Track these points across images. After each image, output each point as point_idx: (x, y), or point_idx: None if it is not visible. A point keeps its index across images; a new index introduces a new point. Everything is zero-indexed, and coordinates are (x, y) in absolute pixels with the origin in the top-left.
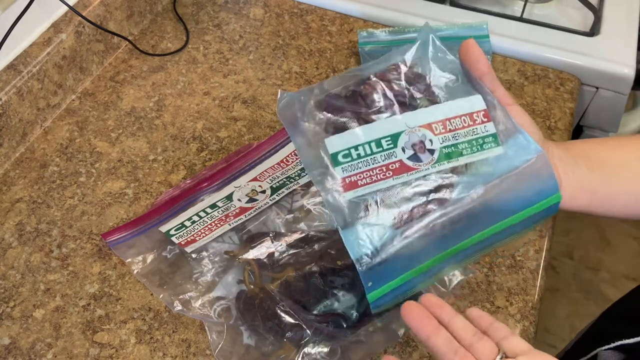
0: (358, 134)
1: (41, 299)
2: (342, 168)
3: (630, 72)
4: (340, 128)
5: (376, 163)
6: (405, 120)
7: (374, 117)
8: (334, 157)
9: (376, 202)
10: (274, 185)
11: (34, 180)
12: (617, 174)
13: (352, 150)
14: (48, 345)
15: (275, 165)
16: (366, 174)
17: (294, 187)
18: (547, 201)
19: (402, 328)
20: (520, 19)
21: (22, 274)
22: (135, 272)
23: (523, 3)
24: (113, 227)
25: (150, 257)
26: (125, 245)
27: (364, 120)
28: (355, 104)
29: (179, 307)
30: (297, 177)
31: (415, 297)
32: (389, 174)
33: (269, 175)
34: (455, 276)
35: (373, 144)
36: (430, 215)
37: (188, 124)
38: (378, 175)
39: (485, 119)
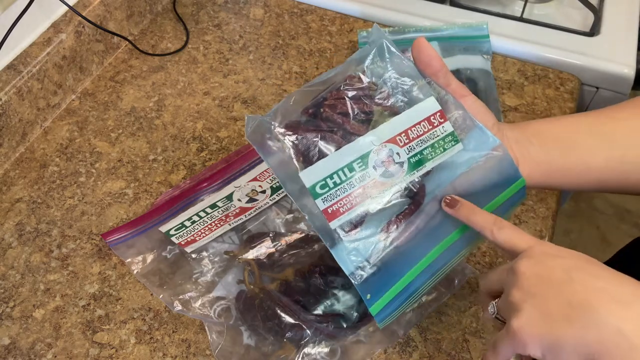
0: (330, 161)
1: (41, 299)
2: (322, 199)
3: (630, 72)
4: (309, 154)
5: (353, 187)
6: (370, 139)
7: (339, 138)
8: (311, 190)
9: (360, 220)
10: (274, 185)
11: (34, 180)
12: (568, 149)
13: (328, 180)
14: (48, 345)
15: None
16: (346, 200)
17: None
18: (513, 187)
19: (402, 328)
20: (520, 19)
21: (22, 274)
22: (135, 272)
23: (523, 3)
24: (113, 227)
25: (150, 257)
26: (125, 245)
27: (332, 142)
28: (318, 128)
29: (179, 307)
30: None
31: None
32: (366, 195)
33: (269, 175)
34: (456, 276)
35: (346, 169)
36: (411, 219)
37: (188, 124)
38: (357, 199)
39: (442, 120)
